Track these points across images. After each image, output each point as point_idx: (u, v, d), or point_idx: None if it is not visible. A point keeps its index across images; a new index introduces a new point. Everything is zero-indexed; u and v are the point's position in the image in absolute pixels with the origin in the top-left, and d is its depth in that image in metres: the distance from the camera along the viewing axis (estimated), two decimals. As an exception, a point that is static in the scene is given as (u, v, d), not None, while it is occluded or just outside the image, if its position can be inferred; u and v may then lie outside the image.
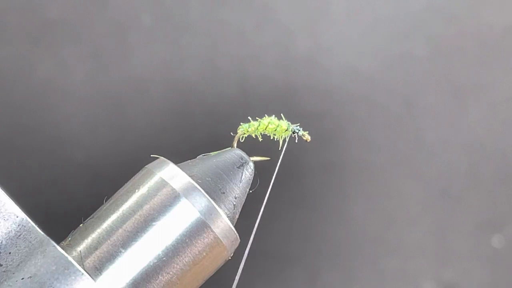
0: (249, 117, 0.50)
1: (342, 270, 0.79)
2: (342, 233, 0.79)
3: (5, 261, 0.41)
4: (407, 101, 0.80)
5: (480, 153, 0.80)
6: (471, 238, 0.79)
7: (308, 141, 0.51)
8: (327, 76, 0.79)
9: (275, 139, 0.51)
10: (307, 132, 0.51)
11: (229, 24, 0.79)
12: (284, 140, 0.51)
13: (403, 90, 0.80)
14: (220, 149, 0.48)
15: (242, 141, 0.50)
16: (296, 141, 0.51)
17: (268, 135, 0.51)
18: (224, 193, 0.45)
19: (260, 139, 0.51)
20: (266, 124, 0.50)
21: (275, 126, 0.50)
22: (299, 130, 0.51)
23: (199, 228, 0.43)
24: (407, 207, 0.80)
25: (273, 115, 0.51)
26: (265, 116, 0.51)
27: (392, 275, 0.79)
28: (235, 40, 0.79)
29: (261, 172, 0.49)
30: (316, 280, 0.79)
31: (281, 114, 0.51)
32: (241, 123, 0.50)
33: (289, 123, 0.51)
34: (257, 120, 0.50)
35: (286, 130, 0.51)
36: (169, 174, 0.44)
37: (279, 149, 0.51)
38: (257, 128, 0.50)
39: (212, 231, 0.43)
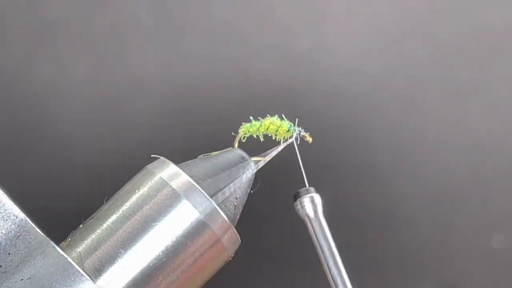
0: (250, 117, 0.50)
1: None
2: (342, 233, 0.79)
3: (4, 262, 0.41)
4: (407, 101, 0.80)
5: (480, 153, 0.79)
6: (471, 238, 0.79)
7: (310, 142, 0.51)
8: (327, 76, 0.79)
9: (277, 140, 0.51)
10: (309, 133, 0.51)
11: (229, 24, 0.79)
12: (285, 140, 0.51)
13: (403, 90, 0.80)
14: (220, 149, 0.48)
15: (244, 141, 0.50)
16: (298, 142, 0.51)
17: (269, 135, 0.51)
18: (224, 193, 0.45)
19: (262, 139, 0.50)
20: (268, 124, 0.50)
21: (276, 127, 0.50)
22: (301, 131, 0.51)
23: (200, 228, 0.43)
24: (407, 207, 0.79)
25: (276, 116, 0.51)
26: (267, 116, 0.50)
27: (392, 275, 0.79)
28: (235, 40, 0.79)
29: (262, 173, 0.48)
30: (316, 280, 0.79)
31: (283, 115, 0.51)
32: (243, 123, 0.50)
33: (291, 123, 0.51)
34: (259, 120, 0.50)
35: (287, 131, 0.50)
36: (169, 174, 0.44)
37: (282, 144, 0.50)
38: (259, 129, 0.50)
39: (212, 231, 0.43)
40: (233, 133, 0.50)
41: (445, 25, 0.80)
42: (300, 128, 0.51)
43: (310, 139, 0.51)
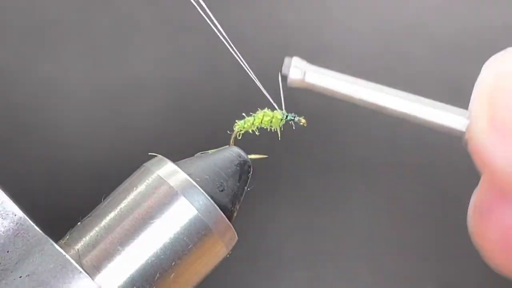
0: (243, 114, 0.50)
1: (342, 270, 0.79)
2: (342, 233, 0.79)
3: (3, 260, 0.41)
4: (407, 101, 0.80)
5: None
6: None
7: (305, 125, 0.51)
8: (327, 76, 0.79)
9: (273, 130, 0.51)
10: (303, 116, 0.51)
11: (229, 24, 0.79)
12: (281, 129, 0.51)
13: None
14: (218, 148, 0.48)
15: (240, 138, 0.50)
16: (294, 128, 0.51)
17: (265, 127, 0.51)
18: (222, 191, 0.45)
19: (257, 133, 0.50)
20: (261, 117, 0.50)
21: (270, 118, 0.50)
22: (295, 117, 0.51)
23: (197, 226, 0.43)
24: (407, 207, 0.80)
25: (266, 107, 0.51)
26: (258, 109, 0.50)
27: (392, 275, 0.79)
28: (235, 40, 0.79)
29: (259, 170, 0.49)
30: (316, 280, 0.79)
31: (274, 104, 0.51)
32: (237, 121, 0.50)
33: (283, 111, 0.51)
34: (251, 115, 0.50)
35: (281, 120, 0.51)
36: (167, 172, 0.44)
37: (279, 139, 0.50)
38: (253, 123, 0.50)
39: (210, 229, 0.43)
40: (229, 132, 0.50)
41: (445, 25, 0.80)
42: (293, 114, 0.51)
43: (305, 122, 0.51)
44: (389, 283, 0.80)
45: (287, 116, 0.51)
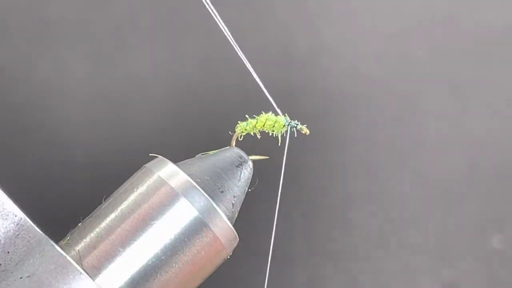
0: (246, 115, 0.50)
1: (342, 270, 0.79)
2: (342, 233, 0.79)
3: (4, 260, 0.41)
4: (407, 101, 0.80)
5: (480, 153, 0.80)
6: (471, 238, 0.79)
7: (307, 134, 0.51)
8: (327, 76, 0.79)
9: (274, 135, 0.51)
10: (306, 125, 0.51)
11: (229, 24, 0.79)
12: (283, 136, 0.51)
13: (403, 90, 0.80)
14: (219, 149, 0.48)
15: (241, 139, 0.50)
16: (296, 136, 0.51)
17: (266, 132, 0.51)
18: (223, 192, 0.45)
19: (259, 137, 0.50)
20: (264, 121, 0.50)
21: (272, 122, 0.50)
22: (297, 125, 0.51)
23: (198, 227, 0.43)
24: (407, 207, 0.80)
25: (270, 111, 0.51)
26: (262, 112, 0.50)
27: (392, 275, 0.79)
28: (235, 40, 0.79)
29: (260, 171, 0.49)
30: (316, 280, 0.79)
31: (278, 110, 0.51)
32: (239, 122, 0.50)
33: (286, 117, 0.51)
34: (254, 117, 0.50)
35: (284, 126, 0.51)
36: (167, 173, 0.44)
37: (279, 145, 0.50)
38: (255, 126, 0.50)
39: (210, 230, 0.43)
40: (230, 133, 0.50)
41: (445, 25, 0.80)
42: (296, 121, 0.51)
43: (307, 131, 0.51)
44: (389, 283, 0.80)
45: (289, 123, 0.51)
